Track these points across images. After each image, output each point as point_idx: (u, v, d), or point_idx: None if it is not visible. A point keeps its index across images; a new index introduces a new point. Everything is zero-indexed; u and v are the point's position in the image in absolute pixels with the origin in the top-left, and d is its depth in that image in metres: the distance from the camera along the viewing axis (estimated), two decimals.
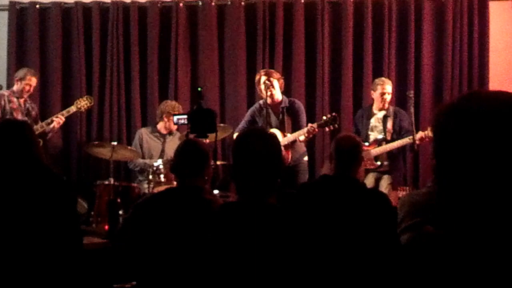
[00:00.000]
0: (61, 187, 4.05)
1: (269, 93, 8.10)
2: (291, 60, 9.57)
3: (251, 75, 9.09)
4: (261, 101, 8.38)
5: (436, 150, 2.04)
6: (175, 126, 8.68)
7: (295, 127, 8.21)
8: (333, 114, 8.05)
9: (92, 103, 8.80)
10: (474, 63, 9.53)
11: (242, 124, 8.55)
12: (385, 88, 8.56)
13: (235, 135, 8.17)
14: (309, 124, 8.02)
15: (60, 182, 4.12)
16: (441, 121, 2.02)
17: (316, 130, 8.01)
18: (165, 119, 8.85)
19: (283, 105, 8.27)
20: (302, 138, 8.07)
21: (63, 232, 3.93)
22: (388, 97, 8.57)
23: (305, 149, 8.43)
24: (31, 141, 4.10)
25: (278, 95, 8.23)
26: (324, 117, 8.06)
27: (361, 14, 9.57)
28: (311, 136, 8.09)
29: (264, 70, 8.50)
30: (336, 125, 7.96)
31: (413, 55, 9.51)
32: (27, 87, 8.55)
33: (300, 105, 8.44)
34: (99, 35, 9.63)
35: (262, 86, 8.14)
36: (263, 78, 8.17)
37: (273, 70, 8.46)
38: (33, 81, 8.62)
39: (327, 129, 8.11)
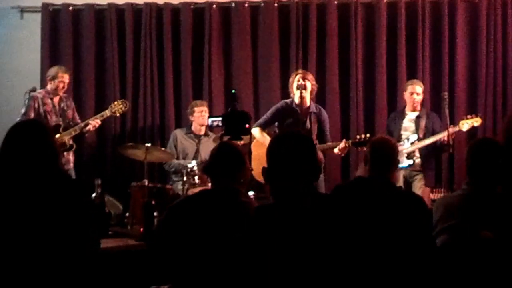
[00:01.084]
0: (74, 191, 4.00)
1: (299, 94, 8.05)
2: (324, 61, 9.56)
3: (285, 76, 9.08)
4: (287, 100, 8.30)
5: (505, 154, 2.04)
6: (206, 120, 8.68)
7: (320, 136, 8.19)
8: (368, 135, 8.00)
9: (127, 108, 8.82)
10: (509, 64, 9.50)
11: (263, 119, 8.38)
12: (414, 88, 8.58)
13: (253, 130, 8.07)
14: (344, 140, 8.00)
15: (73, 185, 4.06)
16: None
17: (349, 147, 7.99)
18: (192, 117, 8.96)
19: (311, 110, 8.22)
20: (336, 150, 8.03)
21: (77, 236, 3.88)
22: (417, 98, 8.58)
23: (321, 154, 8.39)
24: (46, 144, 4.02)
25: (307, 99, 8.17)
26: (358, 136, 8.01)
27: (394, 15, 9.55)
28: (344, 153, 8.09)
29: (301, 71, 8.46)
30: None
31: (447, 56, 9.49)
32: (61, 85, 8.55)
33: (326, 115, 8.39)
34: (132, 36, 9.66)
35: (295, 85, 8.10)
36: (298, 77, 8.14)
37: (310, 74, 8.39)
38: (66, 77, 8.61)
39: (359, 148, 8.10)
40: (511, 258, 3.98)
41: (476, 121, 8.25)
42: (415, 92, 8.58)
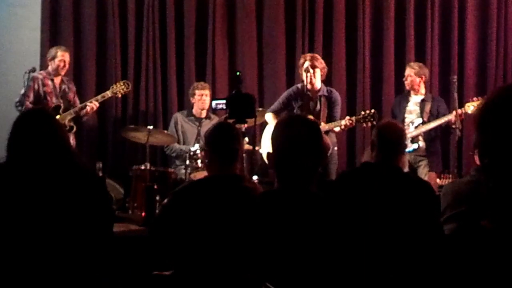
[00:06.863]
0: (92, 183, 3.92)
1: (309, 80, 7.96)
2: (331, 43, 9.53)
3: (290, 58, 9.09)
4: (299, 85, 8.27)
5: (480, 143, 2.03)
6: (207, 104, 8.64)
7: (330, 117, 8.12)
8: (373, 110, 7.94)
9: (129, 89, 8.69)
10: None
11: (276, 105, 8.38)
12: (406, 71, 8.53)
13: (267, 115, 8.06)
14: (347, 117, 7.93)
15: (91, 177, 3.99)
16: (484, 113, 2.01)
17: (353, 124, 7.88)
18: (193, 100, 8.84)
19: (321, 93, 8.15)
20: (337, 129, 7.94)
21: (94, 229, 3.81)
22: (406, 82, 8.53)
23: (335, 140, 8.29)
24: (56, 132, 3.93)
25: (317, 83, 8.10)
26: (363, 112, 7.96)
27: None
28: (346, 129, 7.96)
29: (310, 55, 8.32)
30: (374, 122, 7.85)
31: (457, 40, 9.54)
32: (62, 64, 8.43)
33: (338, 97, 8.32)
34: (135, 16, 9.49)
35: (304, 68, 8.00)
36: (307, 64, 8.02)
37: (318, 57, 8.24)
38: (66, 56, 8.50)
39: (364, 124, 7.99)
40: None
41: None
42: (406, 75, 8.57)
